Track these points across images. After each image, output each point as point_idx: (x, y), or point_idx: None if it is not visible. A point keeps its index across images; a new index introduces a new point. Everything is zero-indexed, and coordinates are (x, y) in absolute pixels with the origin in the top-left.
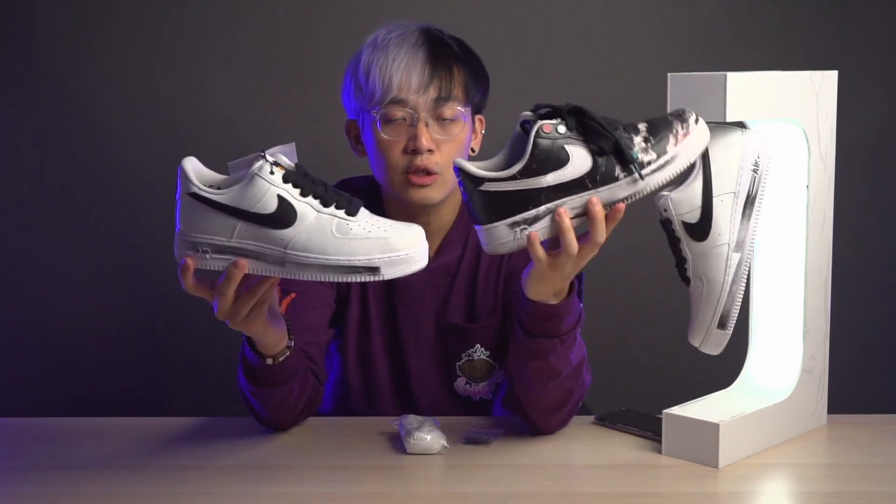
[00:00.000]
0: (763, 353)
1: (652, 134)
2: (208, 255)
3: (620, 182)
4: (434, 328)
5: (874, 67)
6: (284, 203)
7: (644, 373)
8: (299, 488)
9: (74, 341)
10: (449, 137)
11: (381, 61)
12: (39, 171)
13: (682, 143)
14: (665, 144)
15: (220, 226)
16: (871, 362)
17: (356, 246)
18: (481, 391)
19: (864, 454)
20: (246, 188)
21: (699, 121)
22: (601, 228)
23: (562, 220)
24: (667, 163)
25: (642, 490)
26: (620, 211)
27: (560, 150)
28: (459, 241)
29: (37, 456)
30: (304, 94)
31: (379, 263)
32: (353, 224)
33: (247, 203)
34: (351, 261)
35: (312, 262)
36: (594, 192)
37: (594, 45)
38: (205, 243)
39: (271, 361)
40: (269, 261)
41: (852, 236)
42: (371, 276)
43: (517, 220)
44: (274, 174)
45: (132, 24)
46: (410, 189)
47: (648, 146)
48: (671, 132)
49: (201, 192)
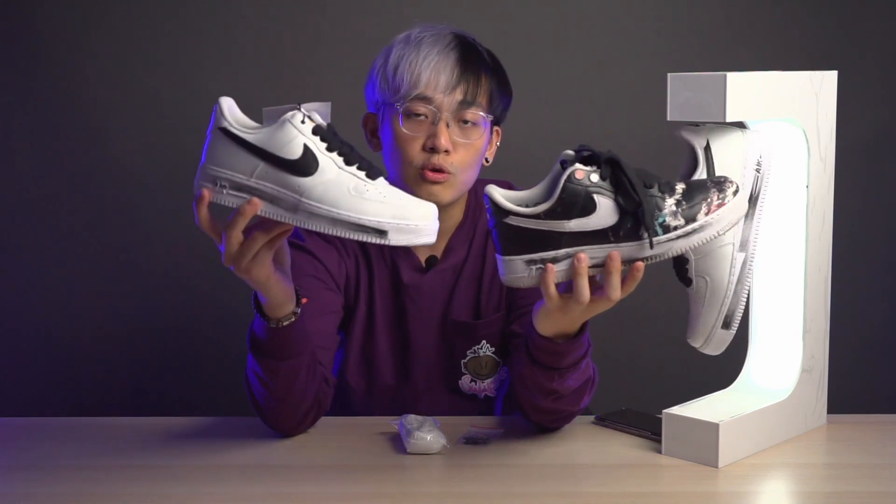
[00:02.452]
0: (763, 353)
1: (686, 198)
2: (225, 191)
3: (634, 243)
4: (440, 326)
5: (874, 67)
6: (309, 152)
7: (644, 373)
8: (299, 488)
9: (74, 341)
10: (467, 141)
11: (411, 57)
12: (39, 170)
13: (714, 213)
14: (696, 212)
15: (242, 163)
16: (871, 362)
17: (369, 206)
18: (486, 388)
19: (864, 454)
20: (275, 131)
21: (738, 193)
22: (615, 284)
23: (580, 265)
24: (693, 231)
25: (642, 490)
26: (639, 270)
27: (588, 198)
28: (465, 240)
29: (37, 456)
30: (305, 95)
31: (388, 227)
32: (371, 186)
33: (273, 146)
34: (361, 219)
35: (324, 214)
36: (615, 246)
37: (594, 45)
38: (224, 178)
39: (275, 324)
40: (282, 206)
41: (852, 236)
42: (378, 238)
43: (534, 258)
44: (304, 123)
45: (132, 24)
46: (422, 186)
47: (679, 210)
48: (706, 200)
49: (231, 128)
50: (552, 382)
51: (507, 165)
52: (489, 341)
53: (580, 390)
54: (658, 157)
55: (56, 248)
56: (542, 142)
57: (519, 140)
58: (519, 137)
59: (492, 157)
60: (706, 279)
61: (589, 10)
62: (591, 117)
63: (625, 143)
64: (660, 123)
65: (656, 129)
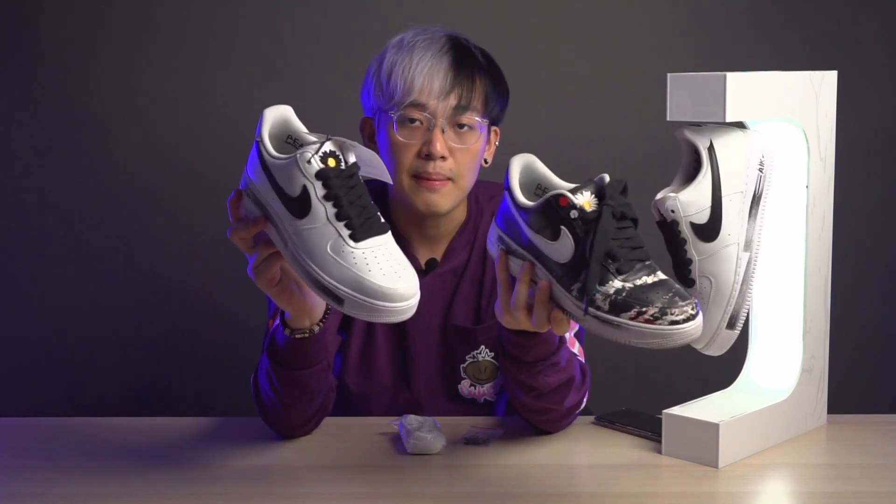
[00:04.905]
0: (763, 353)
1: (647, 292)
2: (248, 199)
3: (571, 296)
4: (440, 331)
5: (874, 67)
6: (305, 194)
7: (644, 373)
8: (299, 488)
9: (74, 341)
10: (464, 146)
11: (404, 63)
12: (39, 171)
13: (641, 322)
14: (627, 308)
15: (262, 180)
16: (871, 362)
17: (335, 269)
18: (486, 393)
19: (864, 454)
20: (285, 165)
21: (691, 322)
22: (541, 315)
23: (524, 272)
24: (608, 322)
25: (642, 490)
26: (558, 320)
27: (557, 224)
28: (466, 245)
29: (37, 456)
30: (305, 95)
31: (344, 296)
32: (351, 249)
33: (281, 178)
34: (323, 279)
35: (300, 261)
36: (552, 279)
37: (594, 45)
38: (250, 188)
39: (289, 334)
40: (278, 235)
41: (852, 236)
42: (336, 303)
43: (503, 238)
44: (311, 164)
45: (132, 24)
46: (419, 194)
47: (616, 296)
48: (650, 305)
49: (261, 144)
50: (522, 375)
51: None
52: (488, 346)
53: (561, 389)
54: (658, 157)
55: (56, 248)
56: (542, 142)
57: (519, 140)
58: (519, 137)
59: (491, 158)
60: (711, 279)
61: (589, 10)
62: (591, 117)
63: (625, 143)
64: (660, 123)
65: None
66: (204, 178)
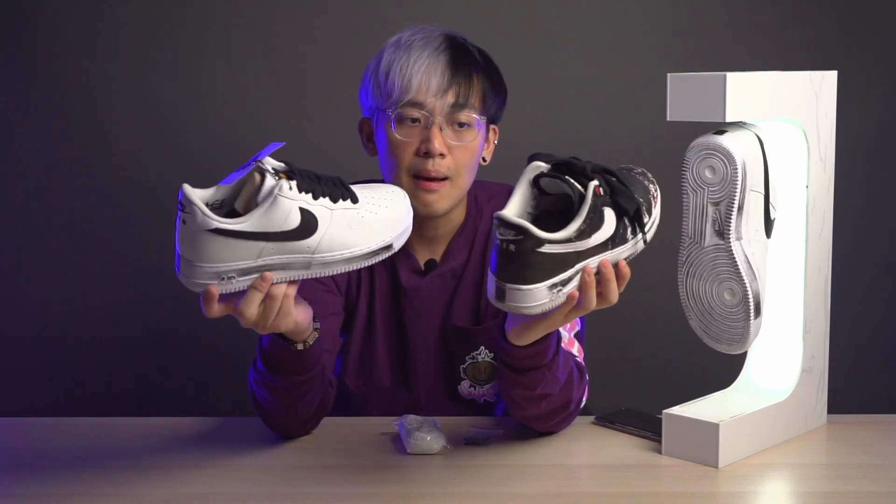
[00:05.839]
0: (763, 353)
1: (646, 194)
2: (234, 280)
3: (628, 244)
4: (439, 332)
5: (874, 67)
6: (305, 214)
7: (644, 373)
8: (299, 488)
9: (74, 341)
10: (462, 144)
11: (402, 61)
12: (39, 171)
13: (657, 206)
14: (652, 205)
15: (245, 251)
16: (871, 362)
17: (370, 233)
18: (486, 393)
19: (864, 454)
20: (270, 210)
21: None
22: (615, 288)
23: (590, 277)
24: (654, 223)
25: (642, 490)
26: (627, 270)
27: (601, 212)
28: (466, 245)
29: (37, 456)
30: (305, 95)
31: (391, 241)
32: (361, 211)
33: (274, 225)
34: (370, 247)
35: (338, 259)
36: (610, 253)
37: (594, 45)
38: (230, 271)
39: (301, 346)
40: (295, 267)
41: (852, 236)
42: (386, 253)
43: (556, 282)
44: (292, 189)
45: (132, 24)
46: (418, 194)
47: (650, 206)
48: (650, 193)
49: (223, 226)
50: (540, 384)
51: (507, 165)
52: (488, 347)
53: (569, 381)
54: (658, 157)
55: (56, 247)
56: (541, 142)
57: (519, 140)
58: (519, 137)
59: (489, 157)
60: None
61: (589, 10)
62: (591, 117)
63: (625, 144)
64: (660, 123)
65: (656, 129)
66: (204, 178)
